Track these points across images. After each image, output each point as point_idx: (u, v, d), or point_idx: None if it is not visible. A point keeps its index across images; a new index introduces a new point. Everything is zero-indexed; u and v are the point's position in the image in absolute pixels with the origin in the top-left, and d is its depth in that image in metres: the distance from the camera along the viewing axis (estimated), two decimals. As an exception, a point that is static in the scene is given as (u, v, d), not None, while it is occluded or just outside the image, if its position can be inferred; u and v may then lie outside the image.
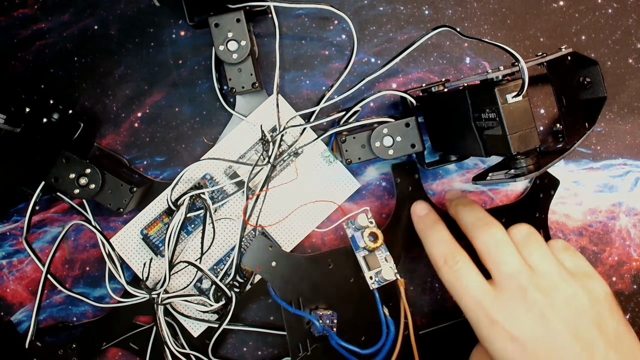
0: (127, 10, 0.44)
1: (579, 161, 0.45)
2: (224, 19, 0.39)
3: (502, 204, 0.45)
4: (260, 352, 0.45)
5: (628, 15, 0.45)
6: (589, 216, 0.45)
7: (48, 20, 0.44)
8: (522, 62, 0.32)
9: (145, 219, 0.43)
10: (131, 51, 0.44)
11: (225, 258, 0.43)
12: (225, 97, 0.44)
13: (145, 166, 0.45)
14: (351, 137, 0.40)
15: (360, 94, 0.44)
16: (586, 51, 0.44)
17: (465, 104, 0.36)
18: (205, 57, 0.44)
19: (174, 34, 0.44)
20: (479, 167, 0.45)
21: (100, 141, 0.44)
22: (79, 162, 0.40)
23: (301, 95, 0.44)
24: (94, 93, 0.44)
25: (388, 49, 0.44)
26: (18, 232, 0.44)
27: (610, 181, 0.45)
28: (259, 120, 0.43)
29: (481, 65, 0.45)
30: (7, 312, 0.44)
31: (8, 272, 0.44)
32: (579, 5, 0.45)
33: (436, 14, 0.44)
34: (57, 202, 0.44)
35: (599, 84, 0.42)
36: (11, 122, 0.39)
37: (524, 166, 0.34)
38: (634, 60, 0.45)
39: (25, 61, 0.44)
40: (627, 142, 0.45)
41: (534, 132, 0.34)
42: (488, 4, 0.44)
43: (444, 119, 0.40)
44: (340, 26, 0.44)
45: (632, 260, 0.45)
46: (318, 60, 0.45)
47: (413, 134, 0.40)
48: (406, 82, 0.45)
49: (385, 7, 0.44)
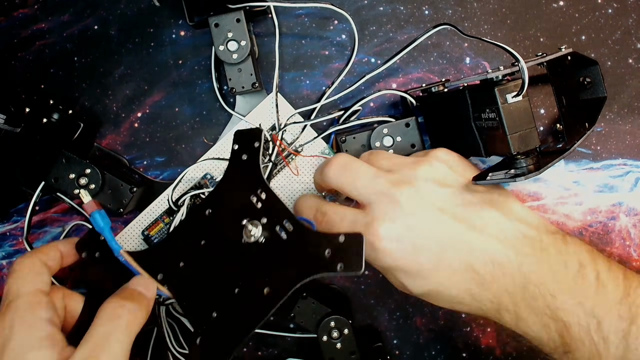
0: (127, 10, 0.44)
1: (579, 161, 0.45)
2: (224, 19, 0.39)
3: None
4: (260, 352, 0.45)
5: (628, 15, 0.45)
6: (589, 216, 0.45)
7: (48, 20, 0.44)
8: (522, 62, 0.32)
9: (146, 219, 0.43)
10: (131, 51, 0.44)
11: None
12: (225, 97, 0.44)
13: (145, 166, 0.45)
14: (351, 137, 0.40)
15: (360, 93, 0.44)
16: (586, 51, 0.44)
17: (465, 103, 0.36)
18: (205, 57, 0.44)
19: (174, 34, 0.44)
20: (479, 167, 0.45)
21: (100, 141, 0.44)
22: (79, 162, 0.40)
23: (301, 95, 0.44)
24: (94, 93, 0.44)
25: (388, 49, 0.44)
26: (18, 232, 0.44)
27: (610, 181, 0.45)
28: (257, 119, 0.43)
29: (481, 65, 0.45)
30: (7, 312, 0.44)
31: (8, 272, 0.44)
32: (579, 5, 0.45)
33: (436, 14, 0.44)
34: (57, 202, 0.44)
35: (599, 84, 0.42)
36: (11, 122, 0.39)
37: (524, 166, 0.34)
38: (634, 60, 0.45)
39: (25, 61, 0.44)
40: (627, 142, 0.45)
41: (534, 132, 0.34)
42: (488, 4, 0.44)
43: (444, 119, 0.40)
44: (341, 26, 0.44)
45: (632, 260, 0.45)
46: (318, 60, 0.45)
47: (413, 134, 0.40)
48: (406, 82, 0.45)
49: (385, 7, 0.44)
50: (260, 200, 0.34)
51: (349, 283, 0.45)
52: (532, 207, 0.45)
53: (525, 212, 0.35)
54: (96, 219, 0.36)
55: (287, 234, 0.32)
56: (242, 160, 0.36)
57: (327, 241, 0.30)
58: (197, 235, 0.36)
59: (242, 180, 0.36)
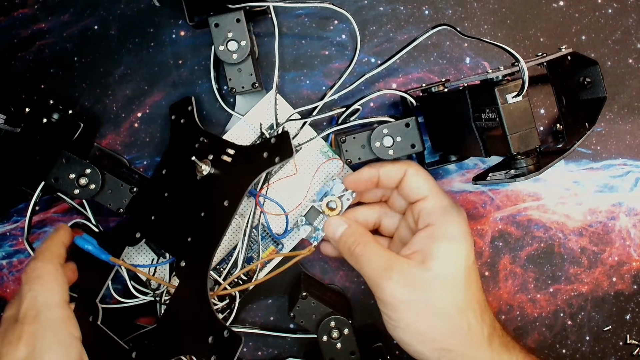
0: (127, 10, 0.44)
1: (579, 161, 0.45)
2: (224, 19, 0.39)
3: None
4: (260, 353, 0.45)
5: (628, 15, 0.45)
6: (589, 216, 0.45)
7: (48, 20, 0.44)
8: (522, 62, 0.32)
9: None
10: (131, 51, 0.44)
11: (228, 257, 0.43)
12: (225, 97, 0.44)
13: (145, 166, 0.45)
14: (351, 137, 0.40)
15: (360, 93, 0.44)
16: (586, 51, 0.44)
17: (465, 104, 0.36)
18: (205, 57, 0.44)
19: (174, 34, 0.44)
20: (479, 167, 0.45)
21: (100, 141, 0.44)
22: (79, 162, 0.40)
23: (301, 95, 0.44)
24: (94, 93, 0.44)
25: (388, 49, 0.44)
26: (18, 232, 0.44)
27: (610, 181, 0.45)
28: (256, 118, 0.43)
29: (481, 65, 0.45)
30: (7, 312, 0.44)
31: (8, 272, 0.44)
32: (579, 5, 0.45)
33: (436, 14, 0.44)
34: (57, 202, 0.44)
35: (599, 84, 0.42)
36: (11, 122, 0.39)
37: (524, 166, 0.34)
38: (634, 60, 0.45)
39: (25, 61, 0.44)
40: (627, 142, 0.45)
41: (534, 132, 0.34)
42: (488, 4, 0.44)
43: (444, 119, 0.40)
44: (341, 26, 0.44)
45: (632, 260, 0.45)
46: (318, 60, 0.45)
47: (413, 134, 0.40)
48: (406, 82, 0.45)
49: (385, 7, 0.44)
50: (203, 144, 0.40)
51: (349, 283, 0.45)
52: (532, 207, 0.45)
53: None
54: (79, 244, 0.38)
55: (230, 157, 0.39)
56: (181, 123, 0.42)
57: (263, 146, 0.38)
58: (160, 191, 0.41)
59: (186, 137, 0.42)
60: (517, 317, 0.45)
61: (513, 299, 0.45)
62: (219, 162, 0.39)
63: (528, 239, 0.45)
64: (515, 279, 0.45)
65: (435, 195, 0.38)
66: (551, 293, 0.45)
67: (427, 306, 0.35)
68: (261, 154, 0.38)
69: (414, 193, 0.38)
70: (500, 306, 0.45)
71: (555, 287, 0.45)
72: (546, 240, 0.45)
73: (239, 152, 0.39)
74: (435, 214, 0.37)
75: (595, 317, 0.45)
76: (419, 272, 0.35)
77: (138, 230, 0.40)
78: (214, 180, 0.39)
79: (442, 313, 0.35)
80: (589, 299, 0.45)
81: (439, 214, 0.37)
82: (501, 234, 0.45)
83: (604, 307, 0.45)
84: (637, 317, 0.45)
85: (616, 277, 0.45)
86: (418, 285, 0.35)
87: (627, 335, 0.45)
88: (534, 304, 0.45)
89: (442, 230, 0.36)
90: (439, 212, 0.37)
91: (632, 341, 0.45)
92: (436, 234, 0.36)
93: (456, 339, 0.35)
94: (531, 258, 0.45)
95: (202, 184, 0.39)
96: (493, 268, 0.45)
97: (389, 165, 0.39)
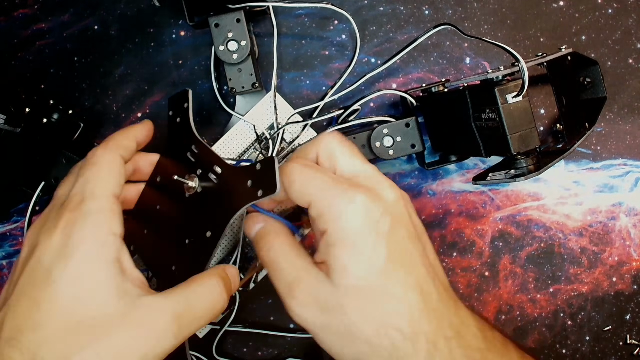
0: (127, 10, 0.44)
1: (579, 161, 0.45)
2: (224, 19, 0.39)
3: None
4: (260, 352, 0.45)
5: (628, 15, 0.45)
6: (589, 216, 0.45)
7: (48, 20, 0.44)
8: (522, 62, 0.32)
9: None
10: (131, 51, 0.44)
11: (228, 257, 0.43)
12: (225, 97, 0.44)
13: (145, 166, 0.45)
14: (351, 137, 0.40)
15: (360, 93, 0.44)
16: (586, 51, 0.44)
17: (465, 104, 0.36)
18: (205, 57, 0.44)
19: (174, 34, 0.44)
20: (479, 167, 0.45)
21: (100, 141, 0.44)
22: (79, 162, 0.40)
23: (301, 95, 0.44)
24: (94, 93, 0.44)
25: (388, 49, 0.44)
26: (18, 232, 0.44)
27: (610, 181, 0.45)
28: (256, 118, 0.43)
29: (481, 65, 0.45)
30: (7, 312, 0.44)
31: (8, 272, 0.44)
32: (579, 5, 0.45)
33: (436, 14, 0.44)
34: (57, 202, 0.44)
35: (599, 84, 0.42)
36: (11, 122, 0.39)
37: (524, 166, 0.34)
38: (634, 60, 0.45)
39: (25, 61, 0.44)
40: (627, 142, 0.45)
41: (534, 132, 0.34)
42: (488, 4, 0.44)
43: (444, 119, 0.40)
44: (341, 26, 0.44)
45: (632, 260, 0.45)
46: (318, 60, 0.45)
47: (413, 134, 0.40)
48: (406, 82, 0.45)
49: (385, 7, 0.44)
50: (194, 154, 0.35)
51: (349, 283, 0.45)
52: (532, 207, 0.45)
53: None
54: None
55: (216, 177, 0.34)
56: (177, 123, 0.38)
57: (248, 172, 0.31)
58: (153, 201, 0.37)
59: (180, 141, 0.37)
60: (517, 317, 0.45)
61: (513, 299, 0.45)
62: (206, 179, 0.34)
63: (528, 239, 0.45)
64: (515, 279, 0.45)
65: (320, 199, 0.29)
66: (551, 293, 0.45)
67: (343, 329, 0.28)
68: (245, 182, 0.31)
69: (300, 202, 0.31)
70: (500, 306, 0.45)
71: (555, 287, 0.45)
72: (546, 240, 0.45)
73: (224, 173, 0.34)
74: (325, 216, 0.29)
75: (595, 317, 0.45)
76: (326, 288, 0.28)
77: (132, 242, 0.35)
78: (201, 202, 0.34)
79: (360, 335, 0.28)
80: (589, 299, 0.45)
81: (327, 216, 0.29)
82: (501, 234, 0.45)
83: (604, 307, 0.45)
84: (637, 317, 0.45)
85: (616, 277, 0.45)
86: (329, 305, 0.28)
87: (627, 335, 0.45)
88: (534, 304, 0.45)
89: (335, 234, 0.29)
90: (327, 214, 0.29)
91: (632, 341, 0.45)
92: (331, 241, 0.29)
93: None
94: (531, 258, 0.45)
95: (190, 203, 0.35)
96: (493, 268, 0.45)
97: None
